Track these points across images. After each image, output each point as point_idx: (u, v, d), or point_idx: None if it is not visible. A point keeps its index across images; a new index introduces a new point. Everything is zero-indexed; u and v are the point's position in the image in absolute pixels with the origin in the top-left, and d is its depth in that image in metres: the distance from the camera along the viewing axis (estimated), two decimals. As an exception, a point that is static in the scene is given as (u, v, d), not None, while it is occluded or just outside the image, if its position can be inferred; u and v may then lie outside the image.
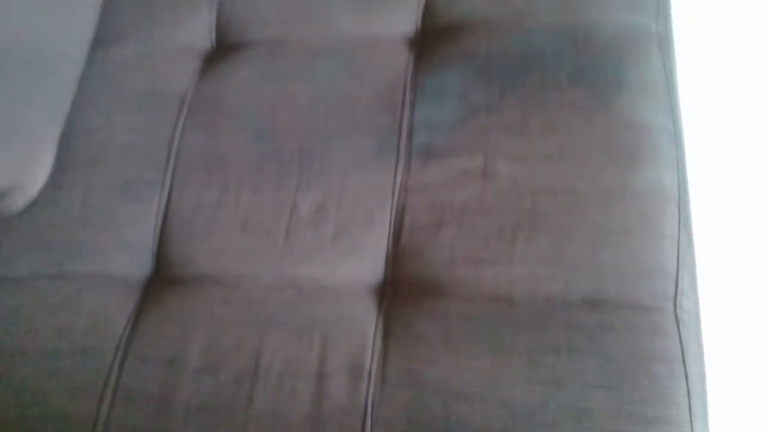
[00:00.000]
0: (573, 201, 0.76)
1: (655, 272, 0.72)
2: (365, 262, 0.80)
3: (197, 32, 1.01)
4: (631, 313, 0.70)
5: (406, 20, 0.97)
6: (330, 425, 0.69)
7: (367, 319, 0.76)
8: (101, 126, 0.93)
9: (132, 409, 0.73)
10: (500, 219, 0.77)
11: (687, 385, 0.67)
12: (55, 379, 0.76)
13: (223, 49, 0.99)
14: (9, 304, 0.81)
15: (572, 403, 0.65)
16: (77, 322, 0.79)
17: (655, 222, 0.74)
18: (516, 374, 0.68)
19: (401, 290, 0.78)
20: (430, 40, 0.94)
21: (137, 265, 0.85)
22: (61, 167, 0.91)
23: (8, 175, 0.84)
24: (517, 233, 0.75)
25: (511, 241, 0.75)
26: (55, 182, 0.90)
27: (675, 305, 0.71)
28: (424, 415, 0.68)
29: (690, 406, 0.66)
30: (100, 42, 0.99)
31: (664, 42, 0.88)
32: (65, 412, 0.74)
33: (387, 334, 0.74)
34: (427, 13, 0.97)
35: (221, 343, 0.75)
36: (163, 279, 0.84)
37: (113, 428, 0.73)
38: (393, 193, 0.82)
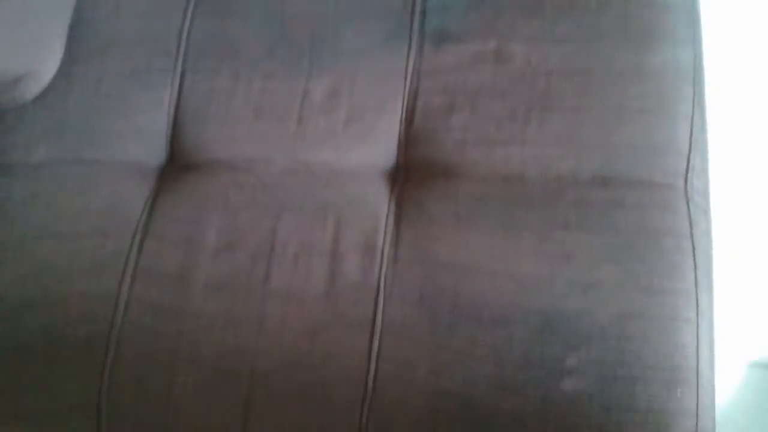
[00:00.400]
0: (588, 81, 0.75)
1: (667, 150, 0.72)
2: (377, 147, 0.80)
3: None
4: (642, 190, 0.70)
5: None
6: (344, 300, 0.71)
7: (379, 202, 0.77)
8: (110, 14, 0.92)
9: (152, 287, 0.75)
10: (513, 101, 0.76)
11: (694, 259, 0.68)
12: (76, 260, 0.78)
13: (231, -67, 0.97)
14: (28, 189, 0.83)
15: (580, 276, 0.67)
16: (95, 205, 0.81)
17: (669, 101, 0.74)
18: (525, 250, 0.69)
19: (413, 174, 0.79)
20: None
21: (152, 151, 0.86)
22: (71, 56, 0.90)
23: (20, 61, 0.84)
24: (530, 115, 0.75)
25: (524, 123, 0.75)
26: (66, 71, 0.90)
27: (686, 183, 0.71)
28: (436, 289, 0.69)
29: (696, 279, 0.67)
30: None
31: None
32: (87, 290, 0.76)
33: (399, 216, 0.75)
34: None
35: (237, 224, 0.77)
36: (177, 165, 0.85)
37: (135, 305, 0.75)
38: (405, 78, 0.82)
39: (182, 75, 0.87)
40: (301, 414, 0.69)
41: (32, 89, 0.87)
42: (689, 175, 0.71)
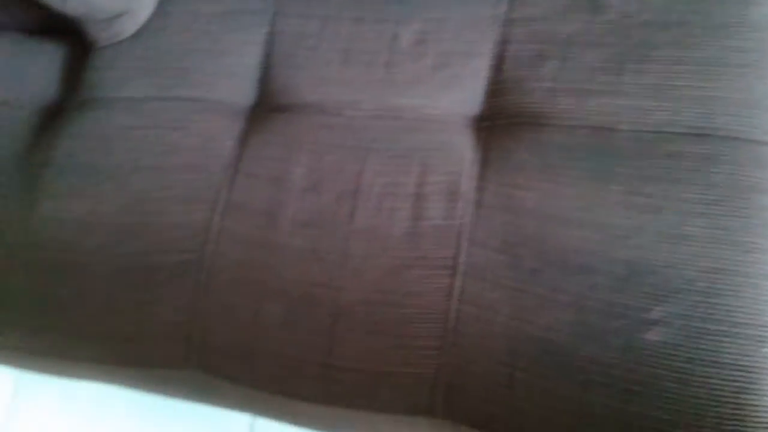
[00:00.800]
0: (686, 33, 0.73)
1: (766, 106, 0.70)
2: (465, 94, 0.81)
3: None
4: (738, 146, 0.69)
5: None
6: (427, 242, 0.73)
7: (465, 148, 0.77)
8: (207, -45, 0.93)
9: (242, 221, 0.78)
10: (607, 51, 0.75)
11: (789, 218, 0.66)
12: (169, 192, 0.81)
13: None
14: (124, 123, 0.86)
15: (670, 228, 0.66)
16: (188, 141, 0.84)
17: (770, 56, 0.71)
18: (614, 200, 0.69)
19: (500, 122, 0.79)
20: None
21: (242, 92, 0.88)
22: (167, -4, 0.92)
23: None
24: (624, 65, 0.74)
25: (618, 73, 0.74)
26: (162, 10, 0.92)
27: (784, 141, 0.69)
28: (520, 236, 0.70)
29: (790, 239, 0.66)
30: None
31: None
32: (180, 221, 0.80)
33: (484, 163, 0.76)
34: None
35: (324, 165, 0.79)
36: (266, 106, 0.87)
37: (225, 237, 0.78)
38: (495, 25, 0.81)
39: (274, 17, 0.89)
40: (382, 348, 0.71)
41: (129, 27, 0.90)
42: (788, 132, 0.69)
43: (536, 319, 0.67)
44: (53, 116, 0.93)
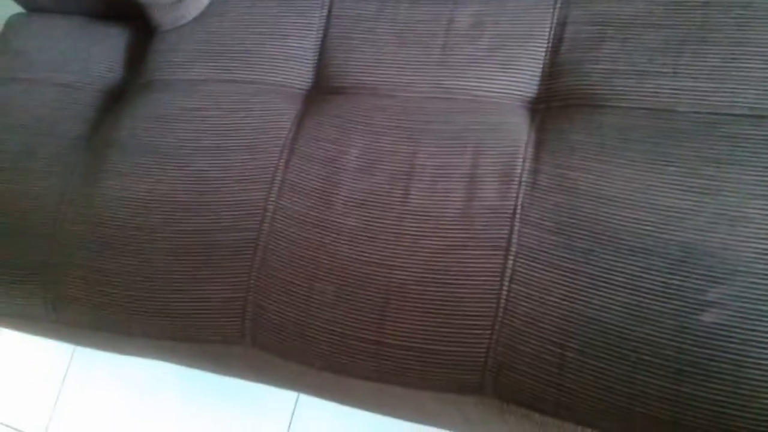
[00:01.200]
0: (747, 15, 0.72)
1: (831, 88, 0.68)
2: (521, 76, 0.81)
3: None
4: (801, 128, 0.67)
5: None
6: (480, 223, 0.73)
7: (519, 130, 0.77)
8: (265, -60, 0.95)
9: (297, 201, 0.80)
10: (667, 33, 0.74)
11: None
12: (228, 171, 0.83)
13: None
14: (185, 105, 0.89)
15: (728, 210, 0.65)
16: (246, 123, 0.86)
17: (837, 37, 0.69)
18: (671, 182, 0.68)
19: (556, 103, 0.79)
20: None
21: (299, 75, 0.90)
22: (227, -20, 0.94)
23: (183, -17, 0.90)
24: (684, 47, 0.73)
25: (677, 55, 0.73)
26: (223, -6, 0.94)
27: None
28: (574, 217, 0.70)
29: None
30: None
31: None
32: (238, 200, 0.82)
33: (539, 144, 0.76)
34: None
35: (378, 147, 0.80)
36: (323, 89, 0.89)
37: (281, 216, 0.80)
38: (554, 7, 0.81)
39: (331, 1, 0.90)
40: (433, 326, 0.72)
41: (192, 11, 0.93)
42: None
43: (589, 299, 0.67)
44: (117, 98, 0.97)
